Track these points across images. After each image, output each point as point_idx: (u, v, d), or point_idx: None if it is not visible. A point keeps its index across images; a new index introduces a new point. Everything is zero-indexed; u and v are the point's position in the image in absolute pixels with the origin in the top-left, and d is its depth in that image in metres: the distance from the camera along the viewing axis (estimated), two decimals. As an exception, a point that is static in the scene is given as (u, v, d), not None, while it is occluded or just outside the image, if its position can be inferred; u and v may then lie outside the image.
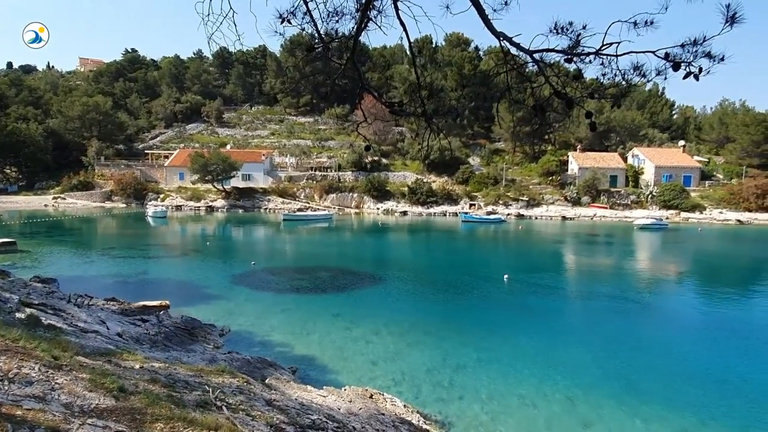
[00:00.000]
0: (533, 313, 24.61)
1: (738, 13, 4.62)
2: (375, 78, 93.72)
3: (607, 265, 38.85)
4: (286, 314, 23.02)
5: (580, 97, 5.73)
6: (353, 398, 12.70)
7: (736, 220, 65.60)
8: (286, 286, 28.80)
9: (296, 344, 19.12)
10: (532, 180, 76.97)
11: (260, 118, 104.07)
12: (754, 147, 79.73)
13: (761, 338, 21.37)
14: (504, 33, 5.34)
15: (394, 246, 48.49)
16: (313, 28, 5.67)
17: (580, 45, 5.27)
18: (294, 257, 40.46)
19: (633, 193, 72.97)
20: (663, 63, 5.12)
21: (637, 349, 19.75)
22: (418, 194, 71.64)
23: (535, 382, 16.30)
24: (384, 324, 21.75)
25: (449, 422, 13.73)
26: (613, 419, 14.06)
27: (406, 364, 17.50)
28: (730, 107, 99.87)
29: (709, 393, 15.85)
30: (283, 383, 12.54)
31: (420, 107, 6.25)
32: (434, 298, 27.51)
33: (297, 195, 75.79)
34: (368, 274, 32.61)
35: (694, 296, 30.16)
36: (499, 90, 6.37)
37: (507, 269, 32.98)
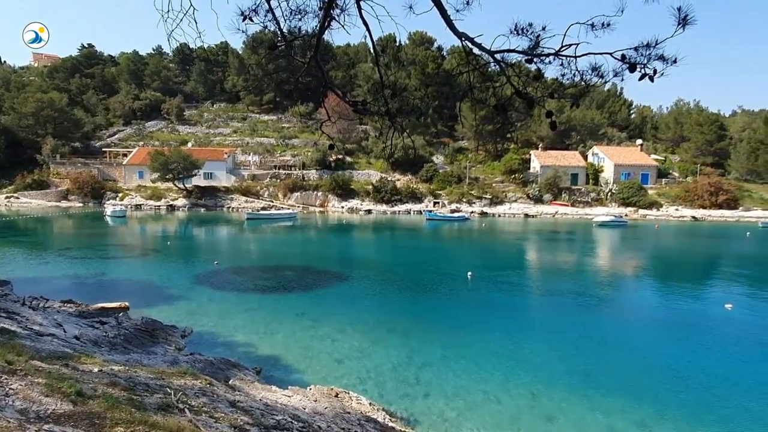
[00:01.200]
0: (497, 309, 24.96)
1: (689, 15, 4.80)
2: (339, 76, 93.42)
3: (568, 261, 39.70)
4: (250, 314, 22.76)
5: (541, 96, 5.84)
6: (319, 397, 12.66)
7: (691, 217, 67.88)
8: (249, 286, 28.48)
9: (260, 344, 18.93)
10: (495, 178, 77.98)
11: (222, 116, 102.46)
12: (707, 146, 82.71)
13: (715, 331, 22.20)
14: (466, 33, 5.41)
15: (359, 244, 48.48)
16: (275, 26, 5.63)
17: (540, 46, 5.38)
18: (258, 256, 40.03)
19: (593, 191, 74.69)
20: (620, 64, 5.28)
21: (598, 344, 20.25)
22: (382, 192, 71.76)
23: (499, 377, 16.55)
24: (349, 322, 21.74)
25: (415, 419, 13.82)
26: (575, 413, 14.39)
27: (371, 362, 17.53)
28: (684, 107, 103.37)
29: (666, 385, 16.39)
30: (248, 384, 12.41)
31: (384, 106, 6.27)
32: (399, 295, 27.62)
33: (261, 194, 74.95)
34: (333, 273, 32.52)
35: (652, 291, 31.11)
36: (462, 89, 6.45)
37: (471, 267, 33.36)
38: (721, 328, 22.59)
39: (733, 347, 20.14)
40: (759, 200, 72.62)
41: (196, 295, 25.88)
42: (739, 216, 67.92)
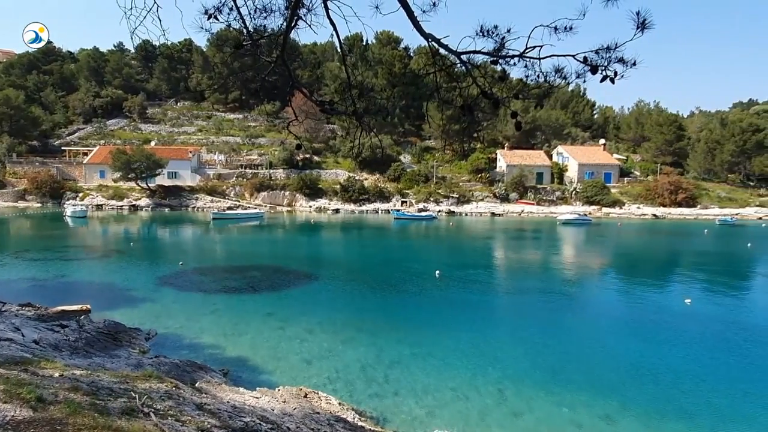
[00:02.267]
0: (465, 307, 25.20)
1: (647, 20, 4.95)
2: (306, 75, 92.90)
3: (534, 259, 40.35)
4: (217, 315, 22.47)
5: (506, 97, 5.94)
6: (287, 398, 12.58)
7: (652, 215, 69.74)
8: (216, 287, 28.10)
9: (228, 345, 18.71)
10: (462, 177, 78.66)
11: (186, 114, 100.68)
12: (667, 146, 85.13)
13: (675, 325, 22.87)
14: (432, 34, 5.45)
15: (327, 244, 48.31)
16: (241, 24, 5.57)
17: (505, 48, 5.47)
18: (224, 257, 39.50)
19: (558, 190, 76.06)
20: (582, 66, 5.41)
21: (564, 340, 20.64)
22: (350, 192, 71.65)
23: (467, 375, 16.73)
24: (318, 322, 21.66)
25: (384, 418, 13.86)
26: (542, 408, 14.66)
27: (340, 362, 17.51)
28: (645, 108, 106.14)
29: (629, 379, 16.82)
30: (214, 386, 12.25)
31: (351, 106, 6.27)
32: (368, 295, 27.63)
33: (227, 193, 73.97)
34: (301, 273, 32.34)
35: (615, 288, 31.84)
36: (429, 89, 6.52)
37: (439, 265, 33.61)
38: (681, 322, 23.29)
39: (693, 341, 20.79)
40: (716, 198, 75.08)
41: (161, 296, 25.40)
42: (698, 214, 70.11)
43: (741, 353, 19.54)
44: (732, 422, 14.12)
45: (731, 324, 23.30)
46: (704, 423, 14.04)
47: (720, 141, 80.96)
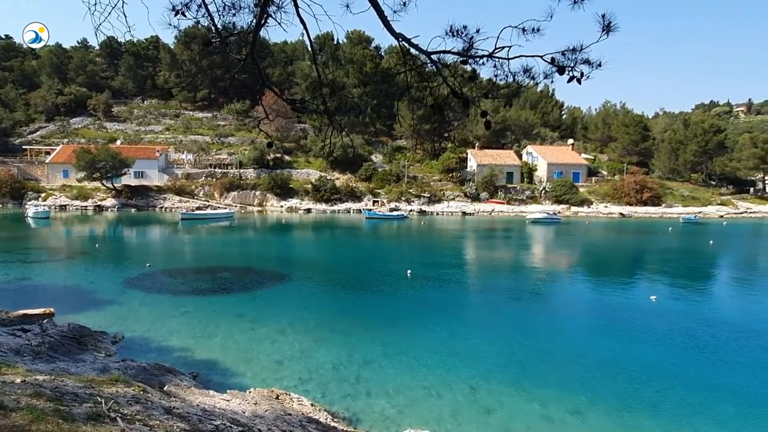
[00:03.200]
0: (436, 306, 25.34)
1: (612, 22, 5.06)
2: (276, 74, 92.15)
3: (504, 258, 40.79)
4: (186, 317, 22.12)
5: (476, 96, 5.98)
6: (259, 400, 12.46)
7: (619, 214, 71.18)
8: (185, 288, 27.66)
9: (197, 348, 18.43)
10: (433, 177, 79.06)
11: (154, 113, 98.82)
12: (633, 146, 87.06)
13: (641, 322, 23.39)
14: (403, 34, 5.46)
15: (298, 244, 48.01)
16: (209, 21, 5.47)
17: (474, 48, 5.51)
18: (193, 258, 38.90)
19: (528, 189, 77.04)
20: (549, 67, 5.49)
21: (534, 337, 20.92)
22: (322, 191, 71.34)
23: (439, 373, 16.82)
24: (289, 323, 21.51)
25: (357, 418, 13.85)
26: (513, 404, 14.83)
27: (312, 363, 17.42)
28: (612, 109, 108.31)
29: (597, 374, 17.14)
30: (184, 389, 12.06)
31: (322, 104, 6.23)
32: (340, 294, 27.55)
33: (195, 193, 72.87)
34: (272, 273, 32.07)
35: (583, 285, 32.40)
36: (400, 89, 6.51)
37: (410, 264, 33.72)
38: (646, 318, 23.83)
39: (658, 336, 21.29)
40: (680, 197, 77.06)
41: (128, 299, 24.88)
42: (662, 212, 71.84)
43: (704, 348, 20.10)
44: (696, 414, 14.51)
45: (695, 319, 23.94)
46: (669, 415, 14.39)
47: (683, 141, 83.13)
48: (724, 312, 25.92)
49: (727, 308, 26.90)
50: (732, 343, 20.78)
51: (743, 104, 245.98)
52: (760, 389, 16.33)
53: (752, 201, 79.00)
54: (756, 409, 14.95)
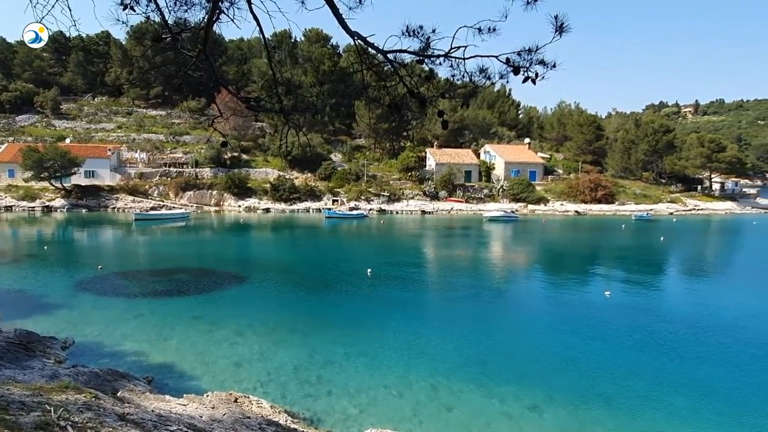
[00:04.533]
0: (397, 305, 25.43)
1: (565, 23, 5.16)
2: (232, 71, 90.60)
3: (463, 256, 41.24)
4: (140, 320, 21.54)
5: (433, 96, 6.00)
6: (216, 404, 12.24)
7: (574, 211, 72.89)
8: (139, 291, 26.93)
9: (152, 352, 17.98)
10: (392, 176, 79.26)
11: (105, 110, 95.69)
12: (587, 145, 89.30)
13: (596, 317, 24.05)
14: (358, 32, 5.42)
15: (257, 244, 47.39)
16: (159, 16, 5.30)
17: (430, 47, 5.52)
18: (148, 259, 37.87)
19: (486, 188, 78.05)
20: (505, 67, 5.56)
21: (493, 335, 21.23)
22: (280, 191, 70.58)
23: (400, 371, 16.89)
24: (248, 324, 21.22)
25: (318, 419, 13.77)
26: (473, 401, 15.02)
27: (272, 364, 17.23)
28: (566, 108, 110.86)
29: (554, 370, 17.53)
30: (138, 395, 11.74)
31: (278, 103, 6.14)
32: (300, 295, 27.34)
33: (150, 193, 70.99)
34: (231, 274, 31.55)
35: (541, 282, 33.07)
36: (358, 88, 6.48)
37: (370, 264, 33.73)
38: (601, 313, 24.51)
39: (612, 331, 21.93)
40: (632, 195, 79.49)
41: (78, 302, 24.06)
42: (616, 210, 73.94)
43: (656, 341, 20.80)
44: (649, 406, 15.00)
45: (647, 313, 24.77)
46: (624, 408, 14.84)
47: (635, 141, 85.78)
48: (676, 306, 26.90)
49: (677, 302, 27.92)
50: (683, 336, 21.57)
51: (690, 105, 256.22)
52: (710, 380, 17.03)
53: (700, 198, 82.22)
54: (707, 399, 15.57)
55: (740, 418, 14.48)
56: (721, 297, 28.71)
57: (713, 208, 78.51)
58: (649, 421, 14.16)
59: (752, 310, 25.77)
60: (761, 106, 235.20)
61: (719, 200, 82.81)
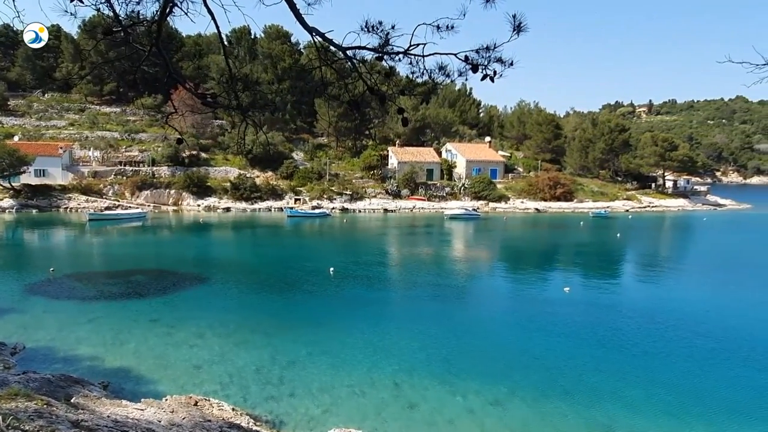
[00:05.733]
0: (360, 303, 25.39)
1: (523, 23, 5.21)
2: (189, 67, 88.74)
3: (426, 254, 41.48)
4: (95, 324, 20.89)
5: (392, 93, 5.97)
6: (176, 408, 11.96)
7: (534, 209, 74.16)
8: (94, 294, 26.09)
9: (108, 356, 17.46)
10: (354, 174, 79.09)
11: (56, 107, 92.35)
12: (546, 143, 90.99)
13: (556, 313, 24.54)
14: (317, 28, 5.34)
15: (217, 244, 46.58)
16: (109, 9, 5.09)
17: (389, 44, 5.48)
18: (103, 261, 36.74)
19: (448, 186, 78.65)
20: (464, 65, 5.58)
21: (455, 332, 21.41)
22: (241, 190, 69.55)
23: (363, 370, 16.86)
24: (208, 326, 20.83)
25: (280, 420, 13.62)
26: (436, 398, 15.11)
27: (233, 366, 16.96)
28: (526, 108, 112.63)
29: (515, 365, 17.81)
30: (93, 401, 11.38)
31: (234, 99, 5.99)
32: (261, 295, 27.00)
33: (104, 192, 68.92)
34: (190, 275, 30.90)
35: (502, 279, 33.56)
36: (317, 85, 6.41)
37: (333, 262, 33.57)
38: (560, 309, 25.02)
39: (571, 326, 22.42)
40: (590, 193, 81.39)
41: (29, 307, 23.16)
42: (574, 207, 75.60)
43: (613, 335, 21.37)
44: (606, 398, 15.40)
45: (604, 308, 25.43)
46: (582, 401, 15.18)
47: (592, 139, 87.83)
48: (631, 300, 27.71)
49: (633, 296, 28.76)
50: (639, 329, 22.23)
51: (645, 105, 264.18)
52: (663, 371, 17.58)
53: (654, 196, 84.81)
54: (660, 390, 16.07)
55: (695, 408, 15.00)
56: (676, 292, 29.70)
57: (667, 205, 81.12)
58: (607, 413, 14.52)
59: (706, 304, 26.77)
60: (710, 106, 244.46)
61: (672, 197, 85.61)
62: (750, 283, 32.08)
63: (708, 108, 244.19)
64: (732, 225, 65.40)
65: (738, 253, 44.33)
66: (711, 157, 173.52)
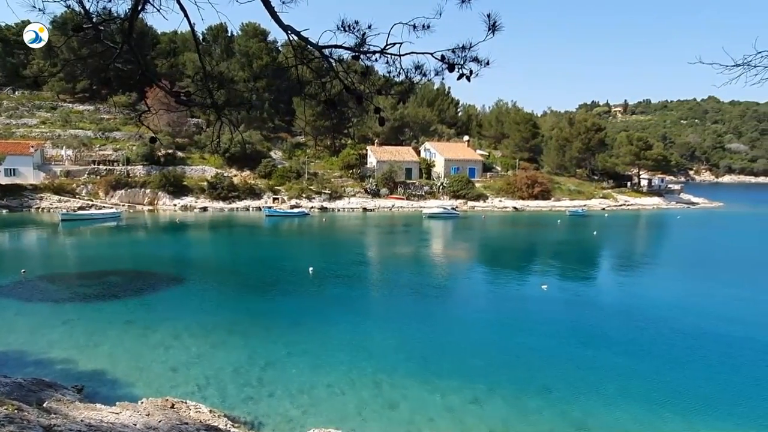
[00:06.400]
0: (339, 303, 25.31)
1: (498, 22, 5.22)
2: (165, 65, 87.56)
3: (405, 253, 41.52)
4: (69, 326, 20.49)
5: (369, 93, 5.94)
6: (152, 411, 11.77)
7: (512, 208, 74.75)
8: (67, 295, 25.57)
9: (82, 359, 17.13)
10: (333, 173, 78.82)
11: (27, 105, 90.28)
12: (524, 142, 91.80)
13: (534, 310, 24.79)
14: (292, 26, 5.28)
15: (194, 244, 46.02)
16: (79, 5, 4.96)
17: (366, 43, 5.45)
18: (77, 262, 36.01)
19: (426, 185, 78.85)
20: (440, 64, 5.58)
21: (434, 330, 21.48)
22: (218, 189, 68.83)
23: (343, 370, 16.81)
24: (185, 327, 20.57)
25: (259, 422, 13.51)
26: (416, 397, 15.13)
27: (210, 367, 16.77)
28: (504, 107, 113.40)
29: (494, 363, 17.92)
30: (66, 405, 11.14)
31: (209, 97, 5.90)
32: (239, 295, 26.77)
33: (77, 192, 67.61)
34: (166, 276, 30.47)
35: (481, 278, 33.75)
36: (293, 84, 6.36)
37: (312, 262, 33.41)
38: (539, 307, 25.27)
39: (549, 323, 22.66)
40: (567, 191, 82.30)
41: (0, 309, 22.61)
42: (552, 206, 76.37)
43: (590, 331, 21.65)
44: (583, 393, 15.58)
45: (582, 305, 25.76)
46: (560, 397, 15.34)
47: (569, 139, 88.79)
48: (608, 297, 28.11)
49: (610, 293, 29.18)
50: (615, 325, 22.56)
51: (620, 105, 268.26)
52: (639, 366, 17.87)
53: (629, 194, 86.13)
54: (636, 384, 16.32)
55: (670, 402, 15.25)
56: (651, 289, 30.21)
57: (642, 204, 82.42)
58: (584, 408, 14.70)
59: (680, 300, 27.25)
60: (683, 106, 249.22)
61: (647, 196, 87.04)
62: (723, 278, 32.79)
63: (681, 108, 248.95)
64: (704, 223, 66.74)
65: (710, 250, 45.29)
66: (684, 156, 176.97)
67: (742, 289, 29.76)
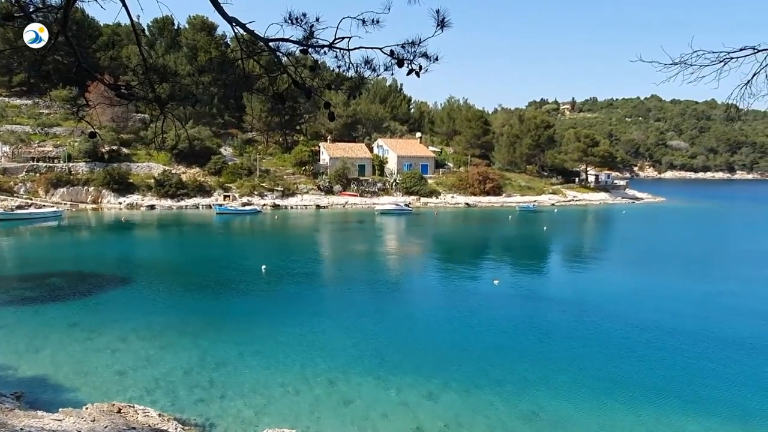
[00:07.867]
0: (292, 301, 25.07)
1: (447, 18, 5.25)
2: (107, 59, 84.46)
3: (358, 249, 41.49)
4: (6, 331, 19.56)
5: (318, 87, 5.87)
6: (97, 416, 11.36)
7: (464, 203, 75.75)
8: (4, 299, 24.35)
9: (21, 365, 16.37)
10: (286, 170, 77.96)
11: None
12: (475, 139, 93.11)
13: (486, 305, 25.19)
14: (237, 18, 5.15)
15: (141, 244, 44.63)
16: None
17: (314, 37, 5.38)
18: (15, 264, 34.32)
19: (379, 181, 79.00)
20: (389, 59, 5.56)
21: (388, 326, 21.56)
22: (166, 186, 66.96)
23: (297, 369, 16.67)
24: (132, 329, 19.95)
25: (210, 424, 13.25)
26: (371, 394, 15.15)
27: (159, 370, 16.32)
28: (456, 104, 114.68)
29: (448, 358, 18.13)
30: (5, 413, 10.65)
31: (151, 91, 5.69)
32: (189, 295, 26.14)
33: (15, 190, 64.55)
34: (112, 277, 29.45)
35: (433, 274, 34.04)
36: (240, 78, 6.20)
37: (264, 260, 32.96)
38: (490, 302, 25.71)
39: (501, 318, 23.09)
40: (518, 187, 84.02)
41: (-71, 315, 21.36)
42: (503, 201, 77.81)
43: (540, 325, 22.19)
44: (535, 386, 15.97)
45: (533, 299, 26.37)
46: (512, 390, 15.67)
47: (519, 135, 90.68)
48: (557, 290, 28.89)
49: (559, 287, 29.98)
50: (564, 318, 23.19)
51: (568, 103, 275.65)
52: (588, 358, 18.43)
53: (578, 190, 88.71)
54: (583, 375, 16.82)
55: (618, 392, 15.80)
56: (599, 282, 31.19)
57: (589, 199, 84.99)
58: (535, 400, 15.05)
59: (627, 293, 28.26)
60: (628, 104, 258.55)
61: (594, 191, 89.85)
62: (668, 271, 34.23)
63: (626, 106, 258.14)
64: (648, 217, 69.44)
65: (653, 243, 47.16)
66: (629, 153, 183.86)
67: (685, 282, 31.16)
